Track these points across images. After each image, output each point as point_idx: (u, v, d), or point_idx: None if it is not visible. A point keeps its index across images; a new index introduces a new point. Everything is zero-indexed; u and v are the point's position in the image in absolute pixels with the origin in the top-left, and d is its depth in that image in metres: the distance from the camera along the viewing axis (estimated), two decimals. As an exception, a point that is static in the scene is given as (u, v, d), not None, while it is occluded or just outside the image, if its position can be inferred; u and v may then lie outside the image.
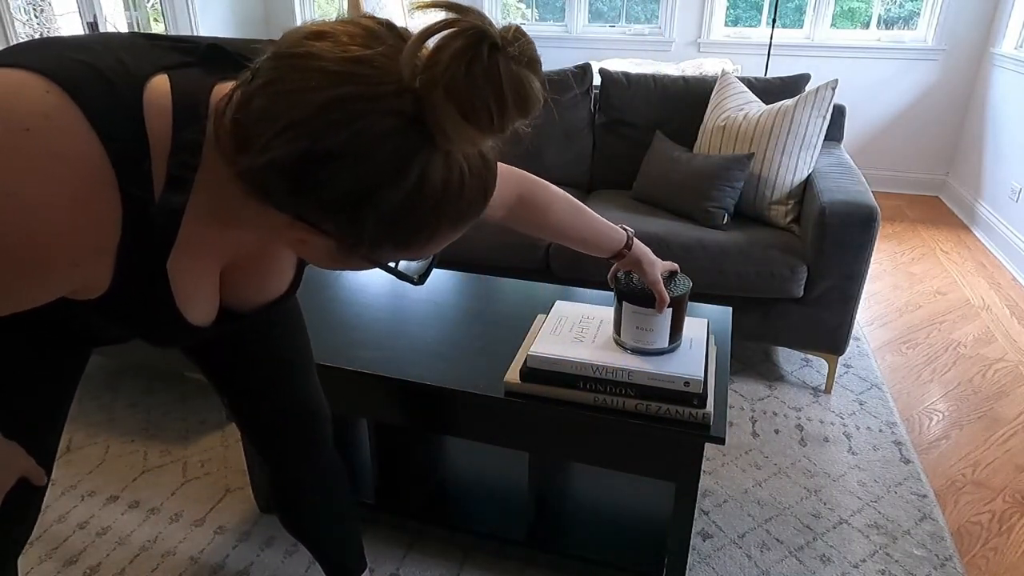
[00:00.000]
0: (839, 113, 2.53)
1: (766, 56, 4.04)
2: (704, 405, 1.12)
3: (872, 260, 2.15)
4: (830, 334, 2.07)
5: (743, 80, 2.50)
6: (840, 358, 2.21)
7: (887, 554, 1.55)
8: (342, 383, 1.37)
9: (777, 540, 1.59)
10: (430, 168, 0.52)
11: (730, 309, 1.49)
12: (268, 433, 1.08)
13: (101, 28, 4.03)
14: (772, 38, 3.91)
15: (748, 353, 2.38)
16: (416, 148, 0.51)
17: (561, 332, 1.23)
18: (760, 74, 3.94)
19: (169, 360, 1.96)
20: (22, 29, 3.89)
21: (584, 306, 1.33)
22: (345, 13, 4.31)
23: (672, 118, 2.55)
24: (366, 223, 0.54)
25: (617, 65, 3.79)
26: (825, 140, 2.46)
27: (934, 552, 1.55)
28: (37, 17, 4.06)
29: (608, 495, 1.58)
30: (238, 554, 1.55)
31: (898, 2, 4.15)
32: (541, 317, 1.37)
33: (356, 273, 1.68)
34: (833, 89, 2.15)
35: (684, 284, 1.15)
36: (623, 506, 1.55)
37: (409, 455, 1.66)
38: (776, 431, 1.96)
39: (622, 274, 1.17)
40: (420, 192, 0.53)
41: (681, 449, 1.20)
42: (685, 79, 2.59)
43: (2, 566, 0.88)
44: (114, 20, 4.21)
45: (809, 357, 2.35)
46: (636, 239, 1.12)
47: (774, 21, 3.80)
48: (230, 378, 1.03)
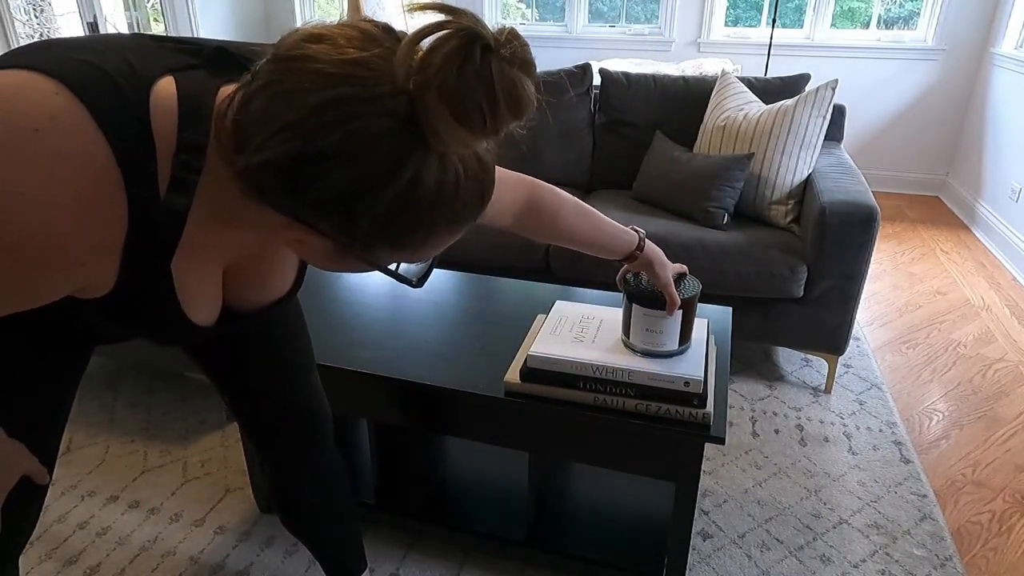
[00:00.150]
0: (839, 113, 2.53)
1: (766, 56, 4.04)
2: (704, 405, 1.12)
3: (872, 260, 2.15)
4: (830, 334, 2.07)
5: (743, 80, 2.50)
6: (840, 358, 2.21)
7: (887, 554, 1.55)
8: (342, 383, 1.37)
9: (777, 540, 1.59)
10: (424, 169, 0.52)
11: (730, 309, 1.49)
12: (269, 432, 1.08)
13: (101, 28, 4.03)
14: (772, 38, 3.91)
15: (748, 353, 2.38)
16: (410, 149, 0.51)
17: (561, 332, 1.23)
18: (760, 74, 3.94)
19: (169, 360, 1.96)
20: (22, 29, 3.89)
21: (584, 306, 1.33)
22: (345, 14, 4.31)
23: (672, 118, 2.55)
24: (361, 223, 0.54)
25: (617, 65, 3.79)
26: (825, 140, 2.46)
27: (934, 552, 1.55)
28: (37, 17, 4.06)
29: (608, 495, 1.58)
30: (238, 554, 1.55)
31: (898, 2, 4.15)
32: (541, 317, 1.37)
33: (357, 274, 1.68)
34: (833, 89, 2.15)
35: (694, 286, 1.14)
36: (623, 506, 1.55)
37: (409, 455, 1.66)
38: (776, 431, 1.96)
39: (631, 276, 1.16)
40: (414, 193, 0.53)
41: (681, 449, 1.20)
42: (685, 79, 2.59)
43: (4, 564, 0.89)
44: (114, 20, 4.21)
45: (809, 357, 2.35)
46: (648, 240, 1.10)
47: (774, 21, 3.80)
48: (231, 377, 1.03)
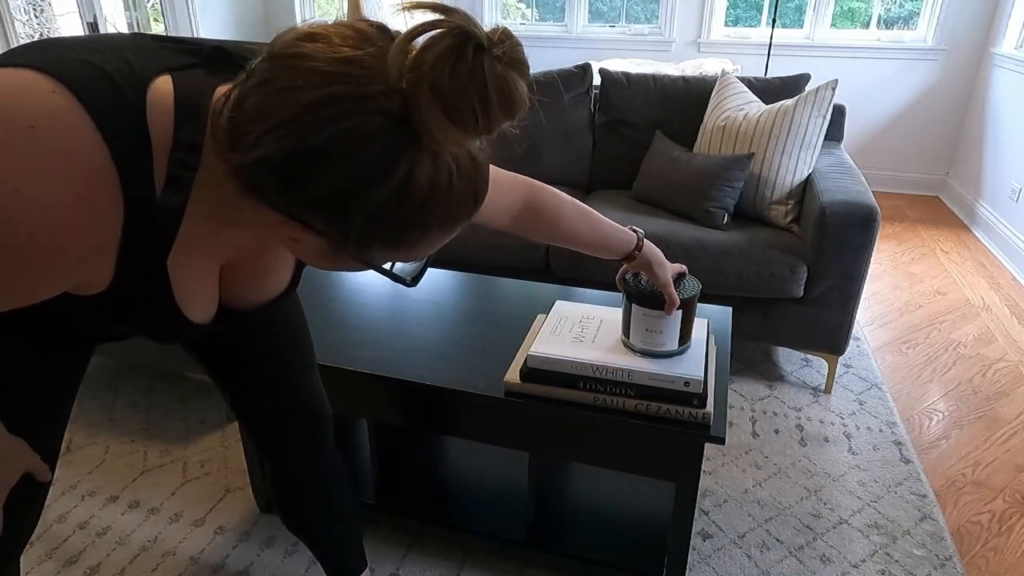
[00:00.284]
0: (839, 113, 2.53)
1: (766, 56, 4.04)
2: (704, 405, 1.12)
3: (872, 260, 2.15)
4: (830, 334, 2.07)
5: (743, 80, 2.50)
6: (840, 358, 2.21)
7: (887, 554, 1.55)
8: (342, 383, 1.37)
9: (777, 540, 1.59)
10: (417, 168, 0.52)
11: (730, 309, 1.49)
12: (269, 432, 1.08)
13: (101, 28, 4.03)
14: (772, 38, 3.91)
15: (748, 353, 2.38)
16: (403, 148, 0.51)
17: (561, 332, 1.23)
18: (760, 74, 3.94)
19: (169, 360, 1.96)
20: (22, 29, 3.89)
21: (584, 306, 1.33)
22: (345, 13, 4.31)
23: (672, 118, 2.55)
24: (354, 221, 0.54)
25: (617, 65, 3.79)
26: (825, 140, 2.46)
27: (934, 552, 1.55)
28: (37, 17, 4.07)
29: (608, 495, 1.58)
30: (238, 554, 1.55)
31: (898, 2, 4.15)
32: (541, 317, 1.37)
33: (356, 273, 1.68)
34: (833, 89, 2.15)
35: (693, 286, 1.14)
36: (623, 506, 1.55)
37: (409, 455, 1.66)
38: (776, 431, 1.96)
39: (630, 275, 1.16)
40: (407, 191, 0.53)
41: (681, 449, 1.20)
42: (685, 79, 2.59)
43: (5, 563, 0.89)
44: (114, 20, 4.21)
45: (809, 357, 2.35)
46: (647, 240, 1.10)
47: (774, 21, 3.80)
48: (231, 376, 1.03)
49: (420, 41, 0.50)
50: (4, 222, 0.52)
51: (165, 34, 0.84)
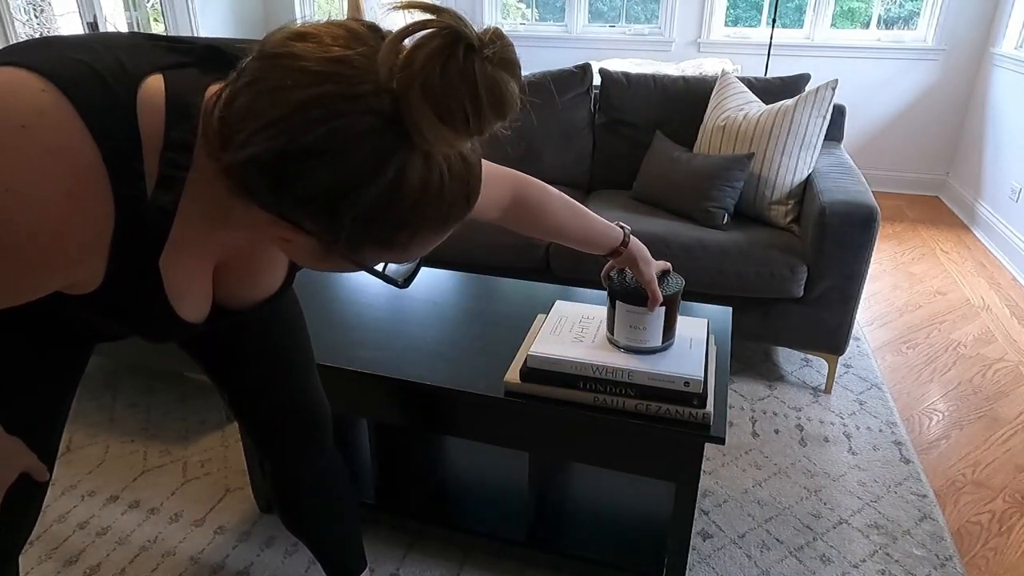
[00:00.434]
0: (839, 113, 2.53)
1: (766, 56, 4.04)
2: (704, 405, 1.12)
3: (872, 260, 2.15)
4: (830, 334, 2.07)
5: (743, 80, 2.50)
6: (840, 358, 2.21)
7: (887, 554, 1.55)
8: (342, 383, 1.37)
9: (777, 540, 1.59)
10: (408, 168, 0.52)
11: (730, 309, 1.49)
12: (267, 431, 1.08)
13: (101, 28, 4.03)
14: (772, 38, 3.91)
15: (748, 353, 2.38)
16: (394, 147, 0.51)
17: (561, 332, 1.23)
18: (760, 74, 3.94)
19: (169, 360, 1.96)
20: (22, 29, 3.89)
21: (584, 306, 1.33)
22: (345, 13, 4.31)
23: (672, 118, 2.55)
24: (344, 221, 0.54)
25: (617, 65, 3.79)
26: (825, 140, 2.46)
27: (934, 552, 1.55)
28: (37, 17, 4.07)
29: (608, 495, 1.58)
30: (238, 554, 1.55)
31: (898, 2, 4.15)
32: (541, 317, 1.37)
33: (356, 274, 1.68)
34: (833, 89, 2.15)
35: (676, 283, 1.16)
36: (623, 506, 1.55)
37: (409, 455, 1.66)
38: (776, 431, 1.96)
39: (615, 272, 1.18)
40: (398, 191, 0.53)
41: (681, 449, 1.20)
42: (685, 79, 2.59)
43: (4, 563, 0.89)
44: (114, 20, 4.21)
45: (809, 357, 2.35)
46: (633, 236, 1.12)
47: (774, 21, 3.80)
48: (229, 375, 1.03)
49: (410, 41, 0.50)
50: (5, 223, 0.52)
51: (162, 33, 0.84)
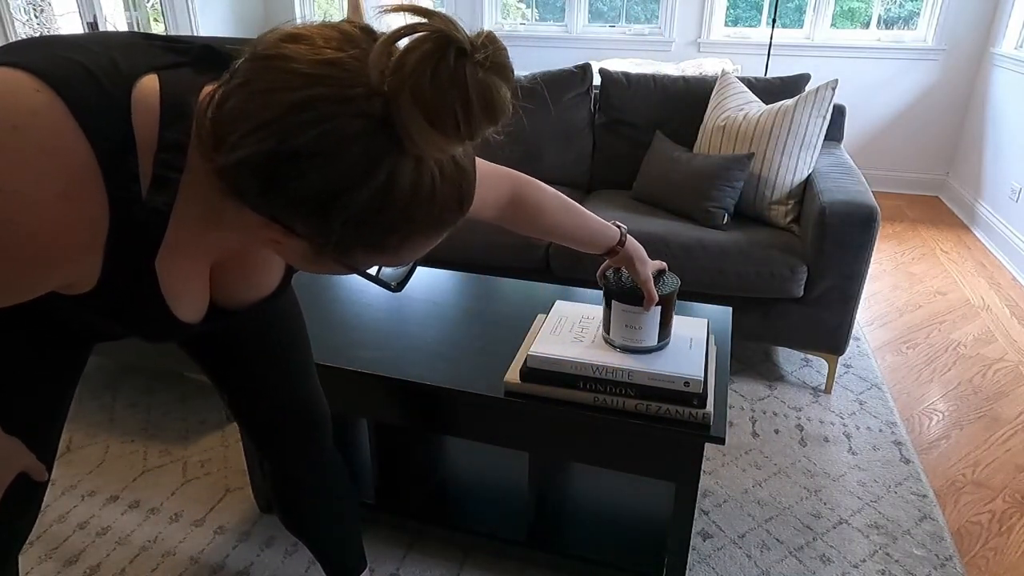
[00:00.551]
0: (839, 113, 2.53)
1: (766, 56, 4.04)
2: (704, 405, 1.12)
3: (872, 260, 2.15)
4: (830, 334, 2.07)
5: (743, 80, 2.50)
6: (840, 358, 2.21)
7: (887, 554, 1.55)
8: (342, 383, 1.37)
9: (777, 540, 1.59)
10: (399, 172, 0.52)
11: (730, 309, 1.49)
12: (266, 431, 1.08)
13: (101, 28, 4.03)
14: (772, 38, 3.91)
15: (748, 353, 2.38)
16: (385, 151, 0.51)
17: (561, 332, 1.23)
18: (760, 74, 3.94)
19: (169, 360, 1.96)
20: (22, 29, 3.89)
21: (584, 306, 1.33)
22: (346, 13, 4.31)
23: (672, 118, 2.55)
24: (335, 224, 0.54)
25: (617, 65, 3.79)
26: (825, 140, 2.46)
27: (934, 552, 1.55)
28: (37, 17, 4.07)
29: (608, 495, 1.58)
30: (238, 554, 1.55)
31: (898, 2, 4.15)
32: (541, 317, 1.37)
33: (347, 276, 1.68)
34: (833, 89, 2.15)
35: (672, 282, 1.16)
36: (623, 506, 1.55)
37: (409, 455, 1.66)
38: (776, 431, 1.96)
39: (611, 272, 1.18)
40: (389, 195, 0.53)
41: (681, 449, 1.20)
42: (685, 79, 2.59)
43: (4, 561, 0.89)
44: (114, 20, 4.22)
45: (809, 357, 2.35)
46: (630, 236, 1.12)
47: (774, 21, 3.80)
48: (228, 375, 1.03)
49: (402, 44, 0.49)
50: (5, 223, 0.52)
51: (160, 33, 0.84)
